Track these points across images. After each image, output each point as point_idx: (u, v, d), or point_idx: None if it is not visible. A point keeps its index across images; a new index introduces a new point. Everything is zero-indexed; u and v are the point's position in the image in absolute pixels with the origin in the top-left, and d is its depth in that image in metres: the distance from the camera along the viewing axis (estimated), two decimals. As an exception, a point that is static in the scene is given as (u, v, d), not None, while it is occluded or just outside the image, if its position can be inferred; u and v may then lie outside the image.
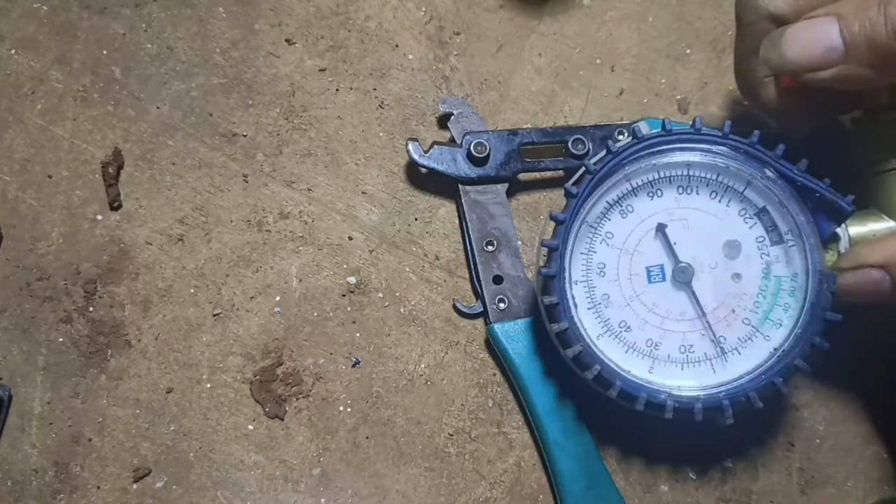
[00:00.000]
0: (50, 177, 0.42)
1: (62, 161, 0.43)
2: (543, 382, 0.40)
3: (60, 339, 0.41)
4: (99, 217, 0.42)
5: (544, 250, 0.37)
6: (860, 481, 0.42)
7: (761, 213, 0.37)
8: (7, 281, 0.41)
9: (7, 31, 0.44)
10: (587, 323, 0.37)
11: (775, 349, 0.36)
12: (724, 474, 0.42)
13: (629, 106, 0.45)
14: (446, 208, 0.44)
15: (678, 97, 0.45)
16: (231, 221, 0.43)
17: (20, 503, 0.39)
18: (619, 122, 0.43)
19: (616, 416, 0.41)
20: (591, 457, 0.40)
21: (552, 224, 0.37)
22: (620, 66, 0.46)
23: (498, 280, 0.42)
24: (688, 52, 0.46)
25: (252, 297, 0.42)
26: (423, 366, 0.42)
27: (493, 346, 0.42)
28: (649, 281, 0.37)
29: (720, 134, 0.36)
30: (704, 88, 0.46)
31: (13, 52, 0.44)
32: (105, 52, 0.44)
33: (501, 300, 0.41)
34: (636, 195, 0.37)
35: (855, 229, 0.37)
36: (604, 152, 0.37)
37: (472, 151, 0.41)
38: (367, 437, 0.41)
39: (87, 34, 0.44)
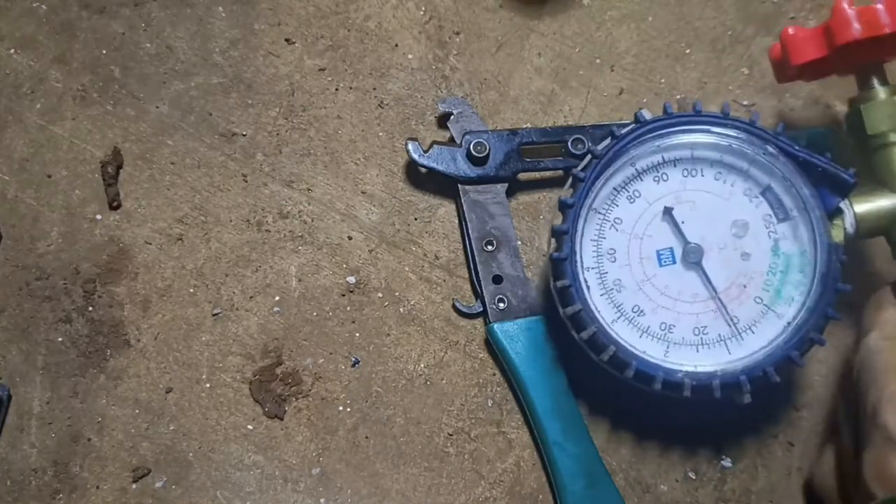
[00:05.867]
0: (49, 176, 0.42)
1: (61, 161, 0.43)
2: (543, 382, 0.40)
3: (60, 339, 0.41)
4: (98, 217, 0.42)
5: (554, 239, 0.37)
6: (860, 481, 0.42)
7: (766, 192, 0.37)
8: (6, 281, 0.41)
9: (6, 31, 0.44)
10: (601, 308, 0.37)
11: (788, 323, 0.36)
12: (723, 474, 0.42)
13: (629, 106, 0.45)
14: (446, 208, 0.44)
15: (678, 97, 0.45)
16: (230, 221, 0.43)
17: (19, 503, 0.39)
18: (619, 122, 0.43)
19: (617, 416, 0.41)
20: (590, 457, 0.40)
21: (561, 216, 0.37)
22: (620, 66, 0.46)
23: (497, 280, 0.42)
24: (687, 52, 0.46)
25: (251, 297, 0.42)
26: (422, 366, 0.42)
27: (492, 346, 0.42)
28: (660, 264, 0.37)
29: (721, 115, 0.37)
30: (704, 88, 0.46)
31: (12, 51, 0.43)
32: (104, 51, 0.44)
33: (501, 300, 0.41)
34: (642, 179, 0.37)
35: (862, 207, 0.37)
36: (609, 138, 0.37)
37: (472, 151, 0.41)
38: (367, 437, 0.41)
39: (86, 33, 0.44)
